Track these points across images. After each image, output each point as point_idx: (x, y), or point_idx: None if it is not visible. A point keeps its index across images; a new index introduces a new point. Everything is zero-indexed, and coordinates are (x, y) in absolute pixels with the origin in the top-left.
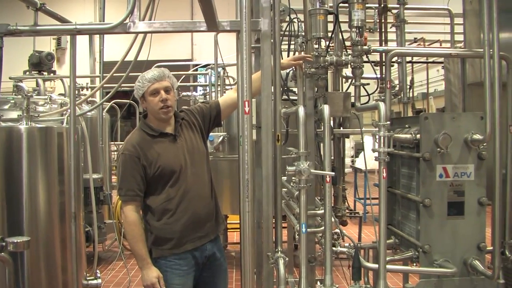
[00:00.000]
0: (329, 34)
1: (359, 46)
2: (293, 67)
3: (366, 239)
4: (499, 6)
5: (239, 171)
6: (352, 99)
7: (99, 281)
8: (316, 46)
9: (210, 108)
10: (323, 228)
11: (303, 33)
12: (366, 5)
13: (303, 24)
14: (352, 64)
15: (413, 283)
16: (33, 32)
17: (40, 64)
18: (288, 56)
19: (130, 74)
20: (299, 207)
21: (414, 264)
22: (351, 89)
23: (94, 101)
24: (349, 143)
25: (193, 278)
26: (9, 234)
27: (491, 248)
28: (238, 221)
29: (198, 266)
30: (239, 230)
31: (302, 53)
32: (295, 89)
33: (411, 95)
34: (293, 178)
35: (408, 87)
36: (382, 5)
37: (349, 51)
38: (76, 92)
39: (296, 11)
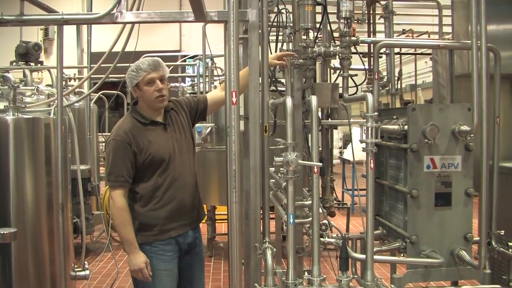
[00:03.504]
0: (317, 25)
1: (347, 37)
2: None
3: (354, 230)
4: None
5: (226, 162)
6: (340, 90)
7: (87, 272)
8: (304, 37)
9: (197, 101)
10: (310, 219)
11: (291, 24)
12: None
13: (291, 15)
14: (340, 55)
15: (400, 274)
16: (19, 22)
17: (27, 55)
18: (276, 47)
19: (118, 65)
20: (286, 198)
21: (402, 255)
22: (339, 80)
23: (82, 92)
24: (337, 134)
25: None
26: None
27: (478, 238)
28: (226, 212)
29: (181, 252)
30: (227, 221)
31: (290, 44)
32: (283, 80)
33: (399, 86)
34: (280, 169)
35: (396, 78)
36: None
37: (337, 42)
38: (64, 83)
39: (284, 1)
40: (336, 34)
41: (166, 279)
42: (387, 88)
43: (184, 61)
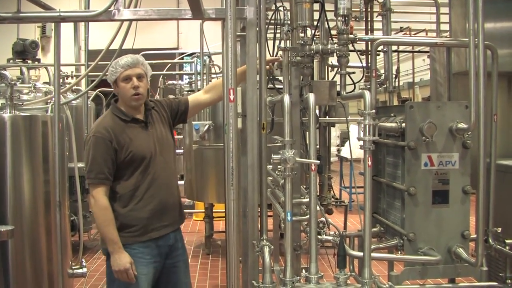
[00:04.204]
0: (315, 23)
1: (345, 35)
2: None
3: (351, 228)
4: None
5: (224, 160)
6: (338, 88)
7: (85, 270)
8: (302, 34)
9: (178, 103)
10: (308, 216)
11: (289, 22)
12: None
13: (289, 12)
14: (338, 52)
15: (398, 271)
16: (16, 19)
17: (24, 52)
18: (273, 44)
19: None
20: (284, 195)
21: (399, 252)
22: (337, 78)
23: (79, 89)
24: (335, 132)
25: (156, 270)
26: None
27: (475, 236)
28: (224, 210)
29: (161, 256)
30: (224, 218)
31: (288, 42)
32: (280, 78)
33: (397, 84)
34: (278, 166)
35: (394, 76)
36: None
37: (335, 40)
38: (61, 80)
39: None
40: (333, 32)
41: (143, 284)
42: (385, 85)
43: (182, 58)
